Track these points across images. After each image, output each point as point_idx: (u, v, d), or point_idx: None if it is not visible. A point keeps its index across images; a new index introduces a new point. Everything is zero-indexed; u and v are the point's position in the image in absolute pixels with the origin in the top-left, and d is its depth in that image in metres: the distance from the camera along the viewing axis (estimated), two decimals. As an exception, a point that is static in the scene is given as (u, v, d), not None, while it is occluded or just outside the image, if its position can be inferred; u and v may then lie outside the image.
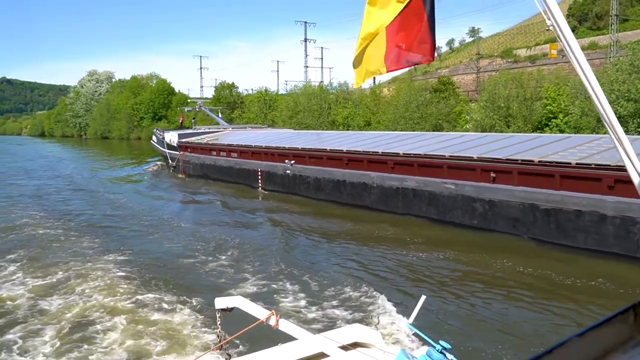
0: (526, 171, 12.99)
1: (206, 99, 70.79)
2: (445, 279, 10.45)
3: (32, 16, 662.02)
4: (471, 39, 77.61)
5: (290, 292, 9.61)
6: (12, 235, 14.96)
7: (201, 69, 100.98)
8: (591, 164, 11.85)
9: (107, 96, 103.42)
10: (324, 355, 3.96)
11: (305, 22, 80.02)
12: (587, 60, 2.32)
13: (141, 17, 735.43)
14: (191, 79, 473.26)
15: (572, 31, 2.24)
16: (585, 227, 11.65)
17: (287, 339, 4.37)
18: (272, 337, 4.65)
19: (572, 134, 21.45)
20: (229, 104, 66.62)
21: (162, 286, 10.11)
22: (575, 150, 13.45)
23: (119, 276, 10.79)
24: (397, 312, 8.25)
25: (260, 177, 23.39)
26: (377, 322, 7.56)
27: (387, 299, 8.90)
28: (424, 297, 3.94)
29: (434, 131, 30.31)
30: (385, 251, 12.61)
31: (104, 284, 10.30)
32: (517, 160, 13.38)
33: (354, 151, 18.75)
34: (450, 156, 15.10)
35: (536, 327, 7.90)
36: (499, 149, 14.94)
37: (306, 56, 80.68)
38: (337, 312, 8.56)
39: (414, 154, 16.30)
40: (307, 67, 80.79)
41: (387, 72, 3.25)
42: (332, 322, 8.06)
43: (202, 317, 8.45)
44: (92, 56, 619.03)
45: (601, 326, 1.75)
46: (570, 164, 12.23)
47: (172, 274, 11.05)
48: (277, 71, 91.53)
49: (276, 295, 9.51)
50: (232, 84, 70.91)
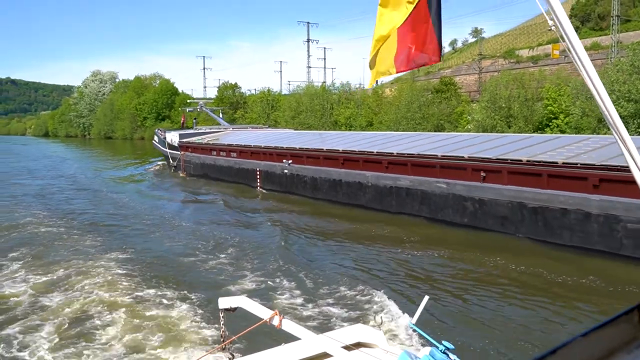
0: (515, 170, 13.26)
1: (209, 99, 71.05)
2: (440, 276, 10.62)
3: (36, 17, 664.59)
4: (474, 40, 77.57)
5: (287, 289, 9.81)
6: (15, 233, 15.24)
7: (204, 69, 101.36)
8: (577, 164, 12.13)
9: (111, 96, 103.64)
10: (327, 355, 3.93)
11: (307, 22, 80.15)
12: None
13: (145, 17, 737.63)
14: (194, 79, 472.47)
15: (575, 31, 2.18)
16: (570, 225, 11.91)
17: (290, 338, 4.36)
18: (275, 337, 4.65)
19: (562, 134, 21.70)
20: (232, 104, 66.95)
21: (162, 283, 10.33)
22: (563, 150, 13.71)
23: (121, 273, 11.00)
24: (394, 310, 8.41)
25: (259, 177, 23.67)
26: (380, 322, 7.63)
27: (384, 297, 9.06)
28: (426, 298, 3.85)
29: (435, 131, 30.40)
30: (380, 249, 12.82)
31: (104, 280, 10.51)
32: (507, 159, 13.66)
33: (350, 151, 19.04)
34: (442, 156, 15.39)
35: (533, 326, 8.05)
36: (490, 148, 15.21)
37: (309, 57, 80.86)
38: (334, 310, 8.73)
39: (408, 154, 16.61)
40: (309, 67, 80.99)
41: (397, 72, 3.28)
42: (331, 319, 8.27)
43: (201, 312, 8.67)
44: (96, 56, 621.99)
45: (605, 326, 1.74)
46: (557, 163, 12.50)
47: (173, 271, 11.28)
48: (280, 71, 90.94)
49: (275, 292, 9.70)
50: (235, 84, 71.36)
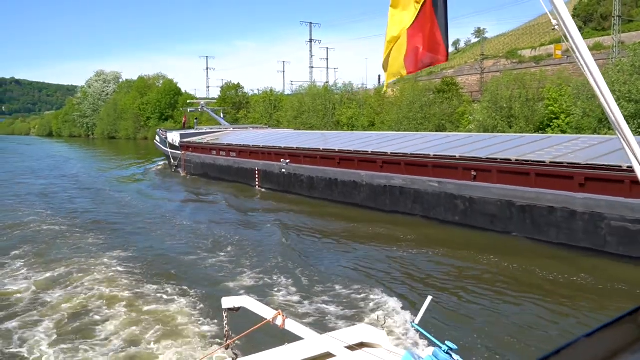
0: (504, 169, 13.56)
1: (212, 99, 71.39)
2: (437, 274, 10.78)
3: (40, 17, 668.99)
4: (476, 40, 77.60)
5: (284, 287, 10.03)
6: (18, 231, 15.55)
7: (207, 69, 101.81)
8: (563, 163, 12.43)
9: (115, 96, 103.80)
10: (330, 355, 3.92)
11: (310, 22, 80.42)
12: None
13: (148, 17, 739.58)
14: (198, 79, 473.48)
15: (579, 31, 2.18)
16: (557, 222, 12.19)
17: (293, 338, 4.37)
18: (279, 337, 4.66)
19: (552, 134, 21.95)
20: (235, 104, 67.26)
21: (163, 280, 10.59)
22: (552, 149, 13.99)
23: (122, 271, 11.26)
24: (392, 307, 8.59)
25: (257, 176, 24.00)
26: (383, 322, 7.70)
27: (381, 295, 9.24)
28: (430, 298, 3.76)
29: (437, 132, 30.53)
30: (375, 247, 13.06)
31: (105, 277, 10.79)
32: (497, 159, 13.96)
33: (346, 151, 19.36)
34: (434, 155, 15.70)
35: (530, 325, 8.21)
36: (481, 148, 15.50)
37: (311, 57, 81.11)
38: (331, 308, 8.92)
39: (402, 154, 16.93)
40: (312, 67, 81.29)
41: (407, 73, 3.31)
42: (326, 316, 8.50)
43: (201, 307, 8.94)
44: (100, 56, 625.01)
45: (609, 327, 1.75)
46: (544, 162, 12.79)
47: (174, 268, 11.54)
48: (283, 71, 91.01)
49: (272, 289, 9.93)
50: (238, 84, 71.53)
